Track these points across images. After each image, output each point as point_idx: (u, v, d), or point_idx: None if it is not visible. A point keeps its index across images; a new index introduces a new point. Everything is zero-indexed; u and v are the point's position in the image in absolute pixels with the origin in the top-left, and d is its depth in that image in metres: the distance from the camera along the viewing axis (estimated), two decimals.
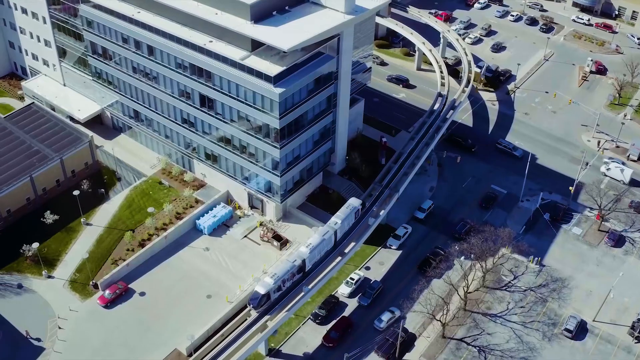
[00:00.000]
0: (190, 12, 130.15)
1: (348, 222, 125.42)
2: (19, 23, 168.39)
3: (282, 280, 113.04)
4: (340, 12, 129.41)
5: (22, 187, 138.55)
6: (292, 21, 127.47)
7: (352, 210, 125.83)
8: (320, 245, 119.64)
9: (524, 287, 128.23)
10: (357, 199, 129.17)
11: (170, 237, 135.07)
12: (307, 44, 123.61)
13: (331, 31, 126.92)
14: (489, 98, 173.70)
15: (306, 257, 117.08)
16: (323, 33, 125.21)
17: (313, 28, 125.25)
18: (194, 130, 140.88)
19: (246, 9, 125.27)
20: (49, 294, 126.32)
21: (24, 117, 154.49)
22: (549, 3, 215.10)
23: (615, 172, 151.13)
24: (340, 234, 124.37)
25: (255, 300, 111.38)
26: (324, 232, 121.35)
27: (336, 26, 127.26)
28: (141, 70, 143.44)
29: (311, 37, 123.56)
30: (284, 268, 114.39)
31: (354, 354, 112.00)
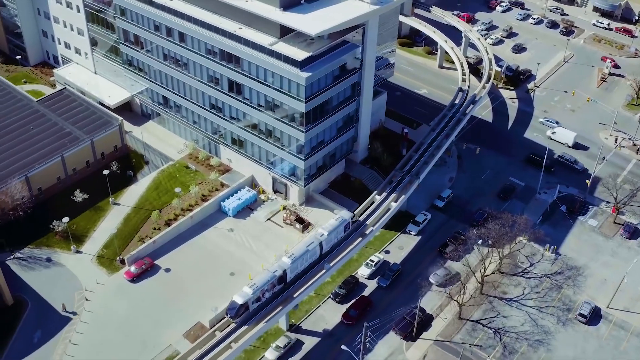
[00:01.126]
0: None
1: (336, 234, 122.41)
2: (53, 12, 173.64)
3: (262, 290, 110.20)
4: (366, 3, 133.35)
5: (53, 166, 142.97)
6: (319, 10, 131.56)
7: (341, 222, 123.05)
8: (304, 257, 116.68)
9: (540, 274, 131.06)
10: (348, 212, 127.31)
11: (195, 217, 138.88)
12: (333, 30, 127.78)
13: (357, 19, 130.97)
14: (508, 96, 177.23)
15: (287, 267, 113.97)
16: (349, 21, 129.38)
17: (339, 16, 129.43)
18: (221, 115, 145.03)
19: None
20: (77, 268, 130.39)
21: (56, 101, 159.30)
22: (570, 8, 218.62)
23: (560, 135, 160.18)
24: (327, 246, 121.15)
25: (233, 310, 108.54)
26: (308, 242, 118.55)
27: (362, 15, 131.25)
28: (172, 57, 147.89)
29: (338, 24, 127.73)
30: (264, 278, 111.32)
31: (374, 323, 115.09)
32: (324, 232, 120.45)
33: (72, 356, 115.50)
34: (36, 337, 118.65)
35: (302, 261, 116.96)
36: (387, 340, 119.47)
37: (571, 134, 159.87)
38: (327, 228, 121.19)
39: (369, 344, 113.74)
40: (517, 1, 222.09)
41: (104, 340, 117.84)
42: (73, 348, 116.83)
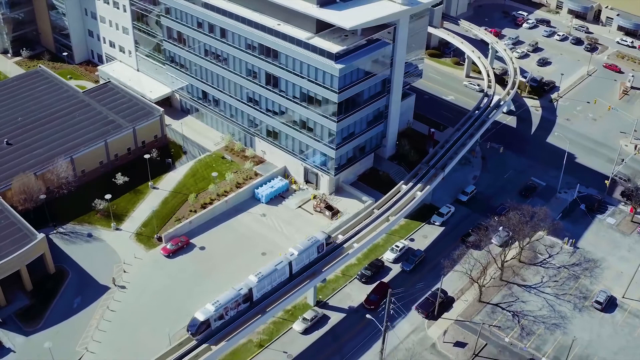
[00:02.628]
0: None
1: (308, 255, 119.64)
2: (100, 12, 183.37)
3: (226, 308, 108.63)
4: (397, 3, 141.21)
5: (96, 150, 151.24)
6: (354, 7, 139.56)
7: (313, 243, 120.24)
8: (272, 276, 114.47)
9: (558, 265, 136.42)
10: (323, 232, 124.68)
11: (230, 202, 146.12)
12: (366, 25, 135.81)
13: (388, 17, 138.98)
14: (532, 104, 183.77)
15: (254, 286, 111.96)
16: (381, 18, 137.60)
17: (372, 13, 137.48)
18: (258, 108, 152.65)
19: None
20: (116, 243, 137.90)
21: (101, 93, 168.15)
22: (595, 26, 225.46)
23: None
24: (297, 267, 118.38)
25: (194, 327, 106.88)
26: (277, 262, 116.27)
27: (393, 13, 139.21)
28: (212, 53, 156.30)
29: (371, 20, 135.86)
30: (228, 296, 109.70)
31: (398, 292, 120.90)
32: (294, 252, 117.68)
33: (109, 321, 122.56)
34: (76, 303, 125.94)
35: (270, 280, 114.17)
36: (409, 318, 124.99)
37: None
38: (298, 248, 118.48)
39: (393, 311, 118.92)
40: (544, 19, 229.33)
41: (139, 308, 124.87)
42: (110, 314, 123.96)
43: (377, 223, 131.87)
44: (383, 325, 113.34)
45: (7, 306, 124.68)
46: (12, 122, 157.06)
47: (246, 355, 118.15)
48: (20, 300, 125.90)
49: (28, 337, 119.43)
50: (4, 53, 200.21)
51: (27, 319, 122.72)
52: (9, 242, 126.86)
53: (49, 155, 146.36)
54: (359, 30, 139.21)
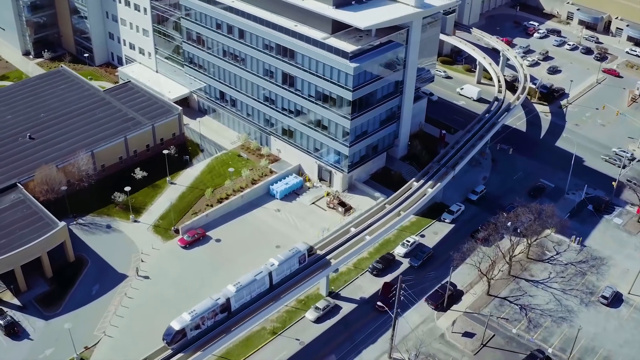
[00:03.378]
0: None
1: (289, 265, 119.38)
2: (120, 15, 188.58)
3: (202, 317, 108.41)
4: (411, 6, 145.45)
5: (116, 146, 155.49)
6: (368, 9, 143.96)
7: (294, 254, 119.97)
8: (251, 286, 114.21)
9: (565, 262, 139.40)
10: (305, 243, 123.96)
11: (246, 197, 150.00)
12: (381, 25, 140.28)
13: (402, 19, 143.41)
14: (542, 110, 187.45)
15: (231, 296, 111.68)
16: (395, 19, 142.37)
17: (386, 14, 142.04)
18: (274, 107, 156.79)
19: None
20: (134, 235, 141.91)
21: (121, 92, 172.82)
22: (605, 37, 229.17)
23: (467, 91, 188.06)
24: (278, 277, 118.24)
25: (169, 336, 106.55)
26: (256, 272, 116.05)
27: (407, 15, 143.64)
28: (230, 53, 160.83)
29: (385, 21, 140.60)
30: (205, 305, 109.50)
31: (408, 279, 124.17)
32: (274, 262, 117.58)
33: (127, 307, 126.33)
34: (94, 290, 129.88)
35: (249, 291, 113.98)
36: (419, 310, 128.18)
37: (475, 89, 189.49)
38: (279, 258, 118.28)
39: (404, 297, 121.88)
40: (555, 29, 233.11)
41: (156, 295, 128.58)
42: (128, 301, 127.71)
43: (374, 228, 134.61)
44: (393, 313, 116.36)
45: (27, 291, 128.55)
46: (35, 118, 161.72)
47: (260, 341, 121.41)
48: (40, 287, 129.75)
49: (48, 321, 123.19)
50: (26, 54, 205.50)
51: (46, 304, 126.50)
52: (31, 230, 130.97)
53: (70, 149, 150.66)
54: (373, 32, 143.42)
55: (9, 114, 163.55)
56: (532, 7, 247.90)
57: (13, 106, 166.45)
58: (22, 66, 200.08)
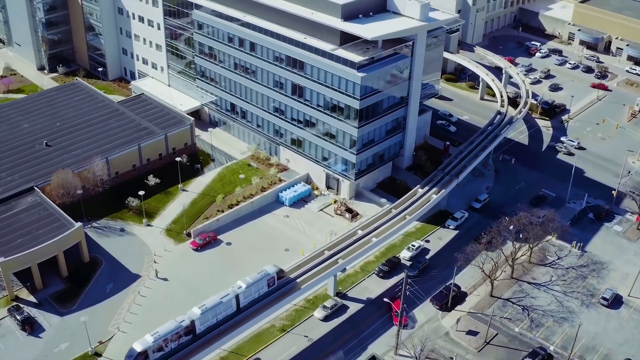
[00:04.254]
0: (291, 11, 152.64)
1: (257, 288, 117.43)
2: (134, 31, 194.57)
3: (165, 340, 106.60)
4: (416, 19, 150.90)
5: (130, 154, 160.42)
6: (375, 22, 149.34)
7: (263, 276, 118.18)
8: (217, 308, 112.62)
9: (567, 266, 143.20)
10: (274, 266, 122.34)
11: (255, 203, 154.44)
12: (387, 37, 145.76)
13: (408, 31, 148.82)
14: (544, 125, 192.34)
15: (196, 318, 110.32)
16: (400, 31, 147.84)
17: (392, 26, 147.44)
18: (283, 117, 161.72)
19: (337, 8, 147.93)
20: (147, 238, 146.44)
21: (135, 103, 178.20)
22: (605, 57, 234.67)
23: None
24: (245, 300, 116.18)
25: (131, 358, 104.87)
26: (222, 294, 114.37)
27: (412, 27, 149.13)
28: (242, 66, 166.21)
29: (391, 32, 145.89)
30: (169, 327, 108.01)
31: (414, 275, 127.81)
32: (242, 285, 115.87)
33: (140, 305, 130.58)
34: (108, 288, 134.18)
35: (215, 313, 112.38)
36: (424, 310, 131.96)
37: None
38: (247, 281, 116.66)
39: (410, 293, 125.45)
40: (556, 49, 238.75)
41: (168, 294, 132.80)
42: (141, 299, 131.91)
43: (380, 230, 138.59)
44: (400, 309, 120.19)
45: (43, 289, 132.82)
46: (51, 127, 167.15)
47: (269, 338, 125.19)
48: (55, 285, 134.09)
49: (63, 317, 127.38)
50: (40, 69, 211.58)
51: (62, 301, 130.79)
52: (48, 230, 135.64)
53: (85, 156, 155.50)
54: (380, 44, 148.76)
55: (26, 122, 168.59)
56: (534, 28, 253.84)
57: (29, 116, 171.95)
58: (37, 80, 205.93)
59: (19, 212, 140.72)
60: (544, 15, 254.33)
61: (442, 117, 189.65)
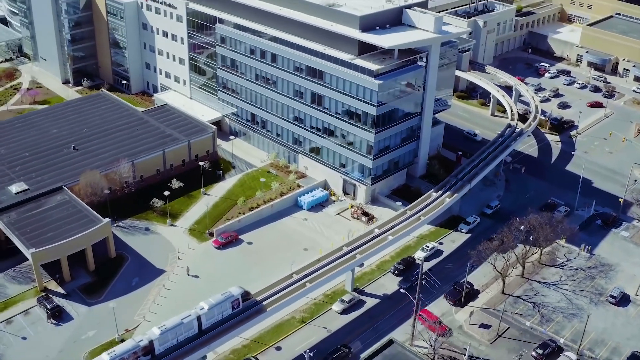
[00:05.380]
0: (311, 23, 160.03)
1: (220, 310, 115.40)
2: (158, 45, 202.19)
3: (122, 359, 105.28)
4: (430, 32, 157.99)
5: (155, 158, 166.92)
6: (391, 33, 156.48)
7: (227, 298, 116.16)
8: (177, 329, 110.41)
9: (575, 267, 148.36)
10: (239, 288, 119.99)
11: (275, 207, 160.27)
12: (403, 46, 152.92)
13: (422, 42, 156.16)
14: (553, 139, 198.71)
15: (155, 338, 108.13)
16: (416, 42, 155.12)
17: (408, 37, 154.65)
18: (302, 126, 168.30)
19: (356, 20, 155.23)
20: (171, 236, 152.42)
21: (158, 113, 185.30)
22: (613, 77, 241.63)
23: None
24: (208, 322, 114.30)
25: None
26: (184, 315, 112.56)
27: (426, 39, 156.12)
28: (263, 77, 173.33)
29: (407, 42, 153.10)
30: (125, 347, 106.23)
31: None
32: (204, 306, 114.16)
33: (164, 297, 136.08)
34: (134, 282, 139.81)
35: (175, 334, 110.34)
36: (438, 305, 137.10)
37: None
38: (209, 302, 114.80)
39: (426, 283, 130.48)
40: (564, 70, 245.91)
41: (192, 288, 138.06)
42: (165, 292, 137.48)
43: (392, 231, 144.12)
44: (415, 298, 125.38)
45: (71, 282, 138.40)
46: (78, 133, 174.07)
47: (290, 329, 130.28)
48: (83, 278, 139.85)
49: (90, 307, 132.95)
50: (65, 83, 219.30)
51: (89, 292, 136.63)
52: (76, 225, 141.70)
53: (112, 159, 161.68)
54: (396, 54, 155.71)
55: (54, 128, 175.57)
56: (543, 51, 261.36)
57: (57, 122, 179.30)
58: (62, 93, 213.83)
59: (48, 209, 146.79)
60: (553, 39, 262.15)
61: (467, 135, 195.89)
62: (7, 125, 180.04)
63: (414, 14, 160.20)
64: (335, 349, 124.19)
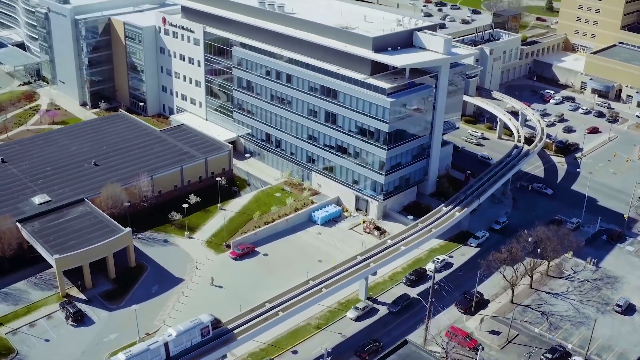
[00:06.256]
0: (326, 44, 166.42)
1: (189, 337, 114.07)
2: (175, 69, 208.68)
3: None
4: (440, 53, 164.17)
5: (173, 174, 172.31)
6: (403, 54, 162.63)
7: (196, 325, 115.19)
8: (144, 355, 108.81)
9: (582, 279, 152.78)
10: (209, 315, 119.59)
11: (290, 221, 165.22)
12: (414, 66, 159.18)
13: (433, 62, 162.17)
14: (558, 161, 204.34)
15: None
16: (426, 62, 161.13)
17: (419, 57, 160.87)
18: (316, 144, 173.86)
19: (369, 41, 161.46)
20: (189, 248, 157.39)
21: (176, 132, 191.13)
22: (616, 103, 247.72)
23: None
24: (176, 349, 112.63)
25: None
26: (150, 342, 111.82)
27: (436, 59, 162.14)
28: (278, 97, 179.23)
29: (418, 62, 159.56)
30: None
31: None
32: (172, 333, 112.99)
33: (183, 303, 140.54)
34: (154, 289, 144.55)
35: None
36: (449, 313, 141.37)
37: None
38: (178, 329, 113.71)
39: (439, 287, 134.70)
40: (569, 96, 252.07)
41: (210, 296, 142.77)
42: (184, 299, 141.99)
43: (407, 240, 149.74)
44: (428, 303, 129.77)
45: (92, 289, 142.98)
46: (98, 149, 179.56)
47: (305, 334, 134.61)
48: (104, 285, 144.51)
49: (111, 312, 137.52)
50: (83, 105, 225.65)
51: (110, 298, 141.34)
52: (98, 234, 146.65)
53: (132, 174, 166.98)
54: (407, 75, 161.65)
55: (74, 146, 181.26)
56: (548, 79, 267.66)
57: (77, 140, 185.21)
58: (80, 114, 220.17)
59: (71, 219, 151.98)
60: (558, 67, 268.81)
61: (481, 160, 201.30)
62: (29, 142, 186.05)
63: (424, 36, 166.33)
64: (365, 342, 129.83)
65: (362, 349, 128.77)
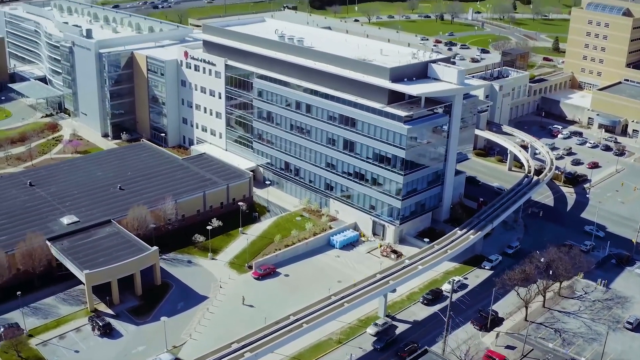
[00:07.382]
0: (346, 75, 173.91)
1: None
2: (195, 101, 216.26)
3: None
4: (453, 84, 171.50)
5: (195, 199, 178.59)
6: (419, 84, 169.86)
7: None
8: None
9: (593, 299, 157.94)
10: (170, 355, 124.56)
11: (309, 245, 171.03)
12: (430, 95, 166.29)
13: (447, 92, 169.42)
14: (567, 191, 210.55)
15: None
16: (441, 91, 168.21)
17: (434, 87, 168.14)
18: (335, 171, 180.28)
19: (386, 72, 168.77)
20: (212, 268, 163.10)
21: (198, 160, 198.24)
22: (623, 138, 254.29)
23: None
24: None
25: None
26: None
27: (450, 89, 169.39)
28: (297, 127, 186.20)
29: (433, 91, 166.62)
30: None
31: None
32: None
33: (209, 319, 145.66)
34: (179, 306, 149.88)
35: None
36: (466, 329, 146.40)
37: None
38: None
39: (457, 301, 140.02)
40: (577, 131, 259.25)
41: (234, 312, 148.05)
42: (210, 315, 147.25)
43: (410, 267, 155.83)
44: (446, 316, 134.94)
45: (119, 304, 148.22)
46: (122, 175, 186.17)
47: (327, 348, 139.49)
48: (130, 302, 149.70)
49: (139, 327, 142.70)
50: (104, 136, 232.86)
51: (137, 313, 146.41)
52: (126, 252, 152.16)
53: (157, 197, 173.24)
54: (422, 104, 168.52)
55: (99, 172, 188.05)
56: (555, 115, 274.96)
57: (102, 167, 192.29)
58: (102, 145, 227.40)
59: (99, 239, 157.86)
60: (565, 104, 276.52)
61: (497, 191, 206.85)
62: (55, 168, 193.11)
63: (438, 67, 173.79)
64: (406, 343, 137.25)
65: (402, 349, 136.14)
